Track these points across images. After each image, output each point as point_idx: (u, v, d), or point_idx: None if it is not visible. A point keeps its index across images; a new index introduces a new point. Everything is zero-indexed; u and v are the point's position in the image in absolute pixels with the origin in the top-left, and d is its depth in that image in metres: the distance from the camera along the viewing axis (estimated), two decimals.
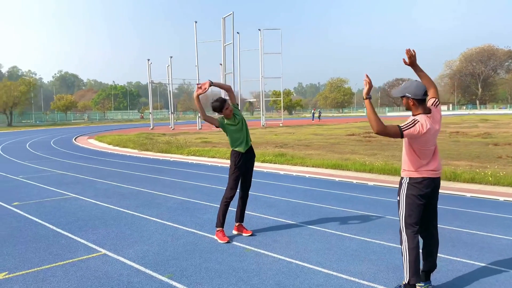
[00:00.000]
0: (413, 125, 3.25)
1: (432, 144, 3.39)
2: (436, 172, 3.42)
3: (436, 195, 3.53)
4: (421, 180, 3.38)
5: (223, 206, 5.15)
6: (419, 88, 3.34)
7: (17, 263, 4.34)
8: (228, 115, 5.05)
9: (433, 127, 3.34)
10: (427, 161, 3.39)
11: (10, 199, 7.62)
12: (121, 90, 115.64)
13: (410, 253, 3.34)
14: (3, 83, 56.45)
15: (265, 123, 41.17)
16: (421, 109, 3.36)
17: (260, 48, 41.16)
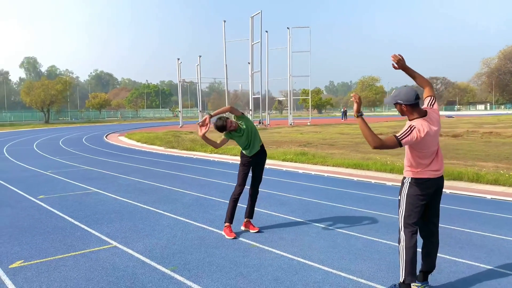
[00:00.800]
0: (410, 132, 3.21)
1: (433, 145, 3.35)
2: (438, 173, 3.41)
3: (439, 195, 3.51)
4: (423, 181, 3.37)
5: (232, 203, 5.25)
6: (410, 93, 3.31)
7: (33, 253, 4.59)
8: (234, 129, 5.15)
9: (431, 130, 3.29)
10: (429, 162, 3.38)
11: (37, 193, 8.00)
12: (154, 89, 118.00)
13: (407, 252, 3.34)
14: (41, 82, 58.80)
15: (292, 121, 41.06)
16: (416, 113, 3.33)
17: (288, 47, 41.05)
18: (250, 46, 36.17)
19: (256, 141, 5.29)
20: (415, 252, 3.35)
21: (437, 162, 3.40)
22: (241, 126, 5.20)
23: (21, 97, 61.78)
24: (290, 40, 40.93)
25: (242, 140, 5.23)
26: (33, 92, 54.99)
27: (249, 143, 5.25)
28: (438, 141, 3.42)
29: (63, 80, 63.82)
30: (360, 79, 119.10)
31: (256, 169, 5.36)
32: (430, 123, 3.31)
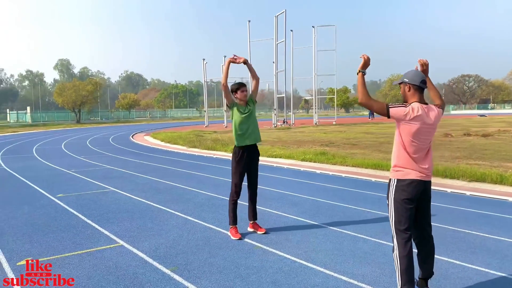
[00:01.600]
0: (401, 106, 3.14)
1: (423, 139, 3.17)
2: (425, 175, 3.22)
3: (427, 199, 3.32)
4: (409, 183, 3.18)
5: (231, 205, 5.21)
6: (417, 75, 3.23)
7: (42, 250, 4.70)
8: (241, 100, 5.13)
9: (426, 120, 3.15)
10: (416, 159, 3.18)
11: (56, 191, 8.21)
12: (182, 89, 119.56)
13: (401, 262, 3.15)
14: (72, 83, 60.58)
15: (317, 121, 40.71)
16: (417, 97, 3.22)
17: (313, 45, 40.70)
18: (275, 45, 36.06)
19: (254, 132, 5.20)
20: (410, 260, 3.16)
21: (425, 162, 3.21)
22: (248, 105, 5.19)
23: (54, 98, 63.82)
24: (315, 39, 40.58)
25: (240, 119, 5.12)
26: (65, 93, 56.72)
27: (246, 129, 5.14)
28: (430, 140, 3.25)
29: (94, 81, 65.55)
30: (388, 77, 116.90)
31: (250, 169, 5.27)
32: (427, 113, 3.18)
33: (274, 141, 19.53)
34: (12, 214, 6.38)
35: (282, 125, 35.71)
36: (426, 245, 3.36)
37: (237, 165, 5.20)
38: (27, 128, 43.55)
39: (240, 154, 5.19)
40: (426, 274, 3.40)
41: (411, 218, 3.22)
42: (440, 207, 6.58)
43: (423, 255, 3.38)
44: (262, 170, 10.86)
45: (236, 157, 5.21)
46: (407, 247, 3.16)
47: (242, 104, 5.18)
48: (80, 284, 3.75)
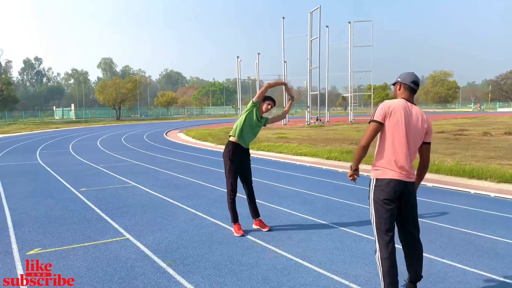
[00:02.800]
0: (375, 109, 3.15)
1: (404, 138, 3.05)
2: (404, 175, 3.10)
3: (410, 201, 3.18)
4: (387, 182, 3.07)
5: (230, 204, 5.21)
6: (410, 75, 3.24)
7: (52, 241, 4.92)
8: (261, 110, 5.22)
9: (409, 116, 3.08)
10: (396, 158, 3.07)
11: (80, 185, 8.54)
12: (219, 87, 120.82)
13: (383, 264, 3.06)
14: (113, 81, 62.66)
15: (353, 118, 40.03)
16: (405, 95, 3.21)
17: (349, 41, 40.08)
18: (309, 41, 35.78)
19: (251, 138, 5.29)
20: (392, 262, 3.06)
21: (408, 162, 3.10)
22: (263, 119, 5.31)
23: (95, 95, 66.23)
24: (351, 35, 39.93)
25: (249, 123, 5.15)
26: (106, 90, 58.74)
27: (249, 131, 5.20)
28: (416, 142, 3.14)
29: (133, 79, 67.49)
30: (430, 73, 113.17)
31: (243, 169, 5.25)
32: (410, 111, 3.11)
33: (303, 139, 19.42)
34: (35, 206, 6.71)
35: (316, 123, 35.38)
36: (413, 249, 3.25)
37: (231, 163, 5.17)
38: (70, 125, 45.49)
39: (233, 151, 5.14)
40: (413, 277, 3.29)
41: (392, 219, 3.11)
42: (458, 208, 6.33)
43: (409, 258, 3.27)
44: (285, 168, 10.87)
45: (230, 154, 5.14)
46: (389, 249, 3.06)
47: (260, 113, 5.25)
48: (78, 274, 3.91)
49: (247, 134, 5.19)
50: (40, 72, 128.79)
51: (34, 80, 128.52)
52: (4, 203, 6.96)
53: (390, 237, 3.09)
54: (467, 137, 18.64)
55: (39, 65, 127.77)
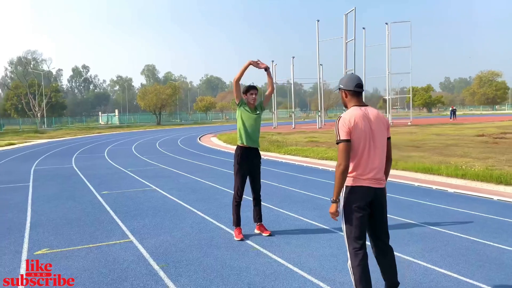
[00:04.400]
0: (337, 128, 3.02)
1: (362, 142, 3.00)
2: (375, 181, 3.04)
3: (380, 208, 3.12)
4: (358, 190, 3.03)
5: (234, 207, 5.27)
6: (351, 79, 3.15)
7: (61, 242, 5.15)
8: (250, 103, 5.20)
9: (366, 119, 3.02)
10: (357, 165, 3.02)
11: (103, 188, 8.87)
12: None
13: (354, 272, 3.01)
14: (153, 87, 64.51)
15: (391, 121, 39.01)
16: (354, 101, 3.14)
17: (387, 43, 39.16)
18: (344, 44, 35.29)
19: (256, 135, 5.26)
20: (363, 269, 3.00)
21: (377, 168, 3.05)
22: (257, 109, 5.26)
23: (137, 101, 68.39)
24: (388, 36, 39.01)
25: (246, 119, 5.17)
26: (146, 96, 60.54)
27: (250, 130, 5.19)
28: (382, 145, 3.08)
29: (173, 85, 69.17)
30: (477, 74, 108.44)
31: (252, 171, 5.27)
32: (366, 115, 3.05)
33: (333, 143, 19.16)
34: (55, 208, 7.04)
35: None
36: (385, 257, 3.19)
37: (239, 167, 5.24)
38: (112, 130, 47.23)
39: (241, 155, 5.21)
40: (389, 285, 3.21)
41: (362, 227, 3.05)
42: (474, 215, 6.05)
43: (382, 266, 3.22)
44: (305, 172, 10.78)
45: (238, 158, 5.23)
46: (358, 257, 3.01)
47: (251, 107, 5.23)
48: (74, 275, 4.07)
49: (252, 132, 5.20)
50: (87, 79, 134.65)
51: (81, 87, 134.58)
52: (29, 205, 7.35)
53: (361, 244, 3.03)
54: (508, 140, 17.71)
55: (86, 73, 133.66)
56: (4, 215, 6.69)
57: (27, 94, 62.44)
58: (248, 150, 5.21)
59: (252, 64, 5.20)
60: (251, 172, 5.27)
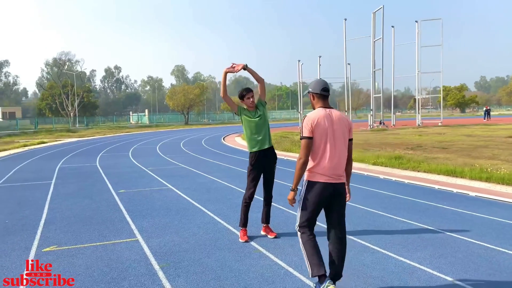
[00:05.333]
0: (301, 126, 3.43)
1: (324, 141, 3.37)
2: (332, 178, 3.37)
3: (338, 202, 3.45)
4: (316, 185, 3.37)
5: (243, 207, 5.20)
6: (318, 83, 3.51)
7: (69, 239, 5.24)
8: (249, 107, 5.08)
9: (329, 120, 3.38)
10: (317, 161, 3.38)
11: (121, 187, 9.02)
12: (285, 91, 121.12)
13: (303, 248, 3.43)
14: (181, 87, 65.39)
15: (421, 122, 38.02)
16: (320, 103, 3.49)
17: (416, 41, 38.18)
18: (372, 43, 34.70)
19: (266, 136, 5.11)
20: (312, 245, 3.40)
21: (335, 166, 3.38)
22: (258, 110, 5.11)
23: (166, 102, 69.47)
24: (419, 34, 38.03)
25: (250, 123, 5.07)
26: (175, 96, 61.44)
27: (263, 135, 5.08)
28: (341, 144, 3.41)
29: (201, 85, 69.84)
30: None
31: (266, 172, 5.20)
32: (329, 116, 3.40)
33: (358, 144, 18.83)
34: (71, 206, 7.20)
35: (379, 126, 34.14)
36: (336, 247, 3.46)
37: (252, 168, 5.17)
38: (141, 129, 48.16)
39: (255, 159, 5.14)
40: (332, 275, 3.43)
41: (314, 216, 3.46)
42: (493, 221, 5.79)
43: (333, 255, 3.47)
44: None
45: (252, 162, 5.16)
46: (304, 236, 3.44)
47: (251, 110, 5.13)
48: (76, 272, 4.13)
49: (260, 135, 5.08)
50: (119, 79, 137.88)
51: (114, 87, 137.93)
52: (47, 202, 7.55)
53: (307, 229, 3.46)
54: None
55: (118, 73, 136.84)
56: (22, 211, 6.89)
57: (60, 94, 64.54)
58: (261, 152, 5.11)
59: (228, 72, 5.06)
60: (265, 172, 5.20)
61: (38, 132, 41.08)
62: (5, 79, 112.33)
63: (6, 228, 5.89)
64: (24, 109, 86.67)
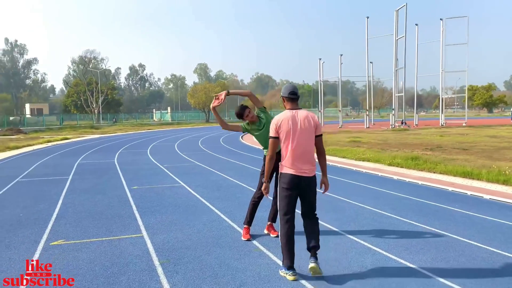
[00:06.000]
0: (270, 128, 4.02)
1: (287, 137, 3.87)
2: (299, 171, 3.85)
3: (308, 192, 3.94)
4: (285, 176, 3.90)
5: (251, 206, 5.23)
6: (287, 88, 4.03)
7: (77, 234, 5.38)
8: (252, 121, 5.10)
9: (292, 122, 3.87)
10: (284, 156, 3.93)
11: (134, 183, 9.18)
12: (307, 89, 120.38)
13: (281, 240, 3.93)
14: (202, 85, 65.97)
15: (444, 122, 37.25)
16: (289, 105, 4.01)
17: (441, 39, 37.38)
18: (394, 41, 34.17)
19: None
20: (288, 239, 3.87)
21: (301, 161, 3.86)
22: (261, 119, 5.09)
23: (187, 99, 70.14)
24: (443, 32, 37.23)
25: (260, 134, 5.09)
26: (196, 94, 62.02)
27: (268, 141, 5.12)
28: (306, 142, 3.88)
29: (222, 83, 70.24)
30: None
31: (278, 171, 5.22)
32: (295, 117, 3.90)
33: (376, 143, 18.61)
34: (84, 201, 7.38)
35: (401, 126, 33.59)
36: (308, 224, 4.06)
37: (263, 167, 5.22)
38: (163, 126, 48.77)
39: None
40: (309, 246, 3.96)
41: (290, 203, 3.93)
42: (502, 224, 5.64)
43: (307, 232, 4.05)
44: (337, 173, 10.55)
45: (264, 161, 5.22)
46: (285, 228, 3.91)
47: (256, 121, 5.13)
48: (80, 266, 4.24)
49: (263, 141, 5.11)
50: (143, 77, 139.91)
51: (138, 85, 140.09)
52: (62, 197, 7.76)
53: (288, 218, 3.93)
54: None
55: (142, 71, 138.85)
56: (37, 205, 7.10)
57: (85, 91, 65.97)
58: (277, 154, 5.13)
59: (216, 106, 5.12)
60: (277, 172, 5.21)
61: (63, 129, 42.16)
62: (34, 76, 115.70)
63: (20, 221, 6.08)
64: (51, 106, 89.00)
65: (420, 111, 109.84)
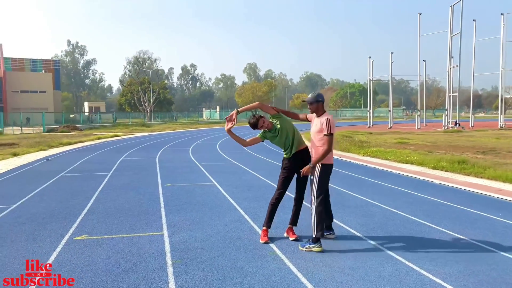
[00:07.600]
0: (333, 126, 4.83)
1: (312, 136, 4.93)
2: None
3: None
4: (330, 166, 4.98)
5: (270, 207, 5.12)
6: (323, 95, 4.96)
7: (100, 230, 5.50)
8: (267, 127, 5.04)
9: (312, 123, 5.01)
10: None
11: (169, 181, 9.31)
12: (358, 88, 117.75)
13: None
14: (250, 85, 66.41)
15: (503, 124, 34.97)
16: (310, 110, 5.08)
17: (501, 36, 35.12)
18: (449, 38, 32.53)
19: (295, 141, 5.01)
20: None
21: None
22: (275, 125, 5.02)
23: (235, 99, 70.83)
24: (504, 28, 34.94)
25: (276, 140, 5.09)
26: (243, 94, 62.52)
27: (288, 145, 5.03)
28: (316, 137, 4.79)
29: (269, 82, 70.25)
30: None
31: (298, 173, 5.06)
32: (312, 120, 5.02)
33: (424, 145, 17.76)
34: (116, 197, 7.57)
35: (454, 127, 31.91)
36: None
37: (283, 170, 5.16)
38: (210, 125, 49.54)
39: (287, 162, 5.13)
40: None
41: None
42: None
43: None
44: (375, 176, 10.14)
45: (284, 164, 5.18)
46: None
47: (270, 128, 5.07)
48: (95, 262, 4.31)
49: (287, 145, 5.10)
50: (194, 77, 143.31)
51: (189, 85, 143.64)
52: (97, 192, 8.01)
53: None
54: None
55: (194, 71, 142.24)
56: (72, 200, 7.37)
57: (138, 90, 68.44)
58: (292, 156, 5.08)
59: (230, 128, 5.21)
60: (298, 173, 5.08)
61: (115, 126, 43.96)
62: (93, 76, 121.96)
63: (52, 215, 6.32)
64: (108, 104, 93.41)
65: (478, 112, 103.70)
